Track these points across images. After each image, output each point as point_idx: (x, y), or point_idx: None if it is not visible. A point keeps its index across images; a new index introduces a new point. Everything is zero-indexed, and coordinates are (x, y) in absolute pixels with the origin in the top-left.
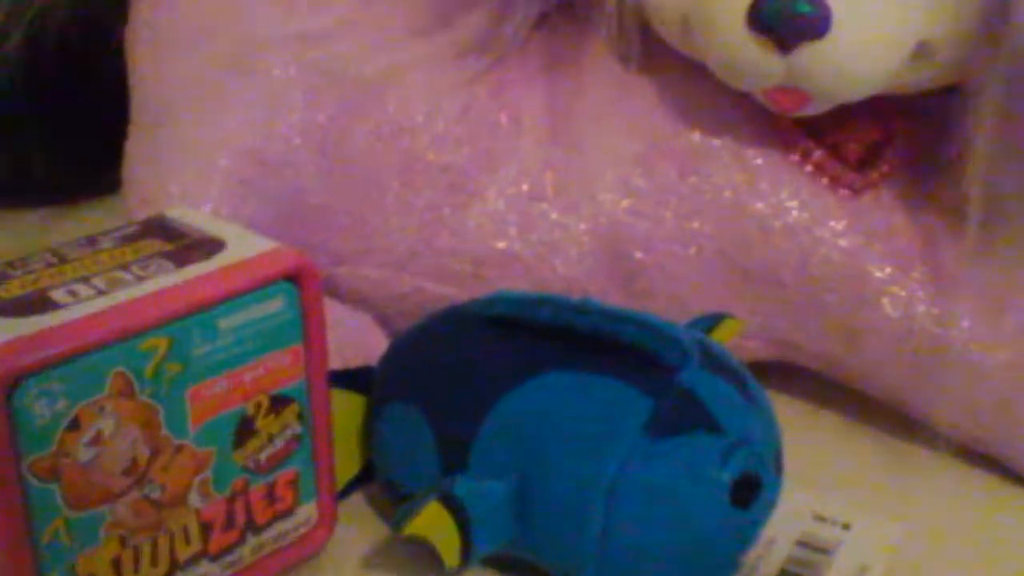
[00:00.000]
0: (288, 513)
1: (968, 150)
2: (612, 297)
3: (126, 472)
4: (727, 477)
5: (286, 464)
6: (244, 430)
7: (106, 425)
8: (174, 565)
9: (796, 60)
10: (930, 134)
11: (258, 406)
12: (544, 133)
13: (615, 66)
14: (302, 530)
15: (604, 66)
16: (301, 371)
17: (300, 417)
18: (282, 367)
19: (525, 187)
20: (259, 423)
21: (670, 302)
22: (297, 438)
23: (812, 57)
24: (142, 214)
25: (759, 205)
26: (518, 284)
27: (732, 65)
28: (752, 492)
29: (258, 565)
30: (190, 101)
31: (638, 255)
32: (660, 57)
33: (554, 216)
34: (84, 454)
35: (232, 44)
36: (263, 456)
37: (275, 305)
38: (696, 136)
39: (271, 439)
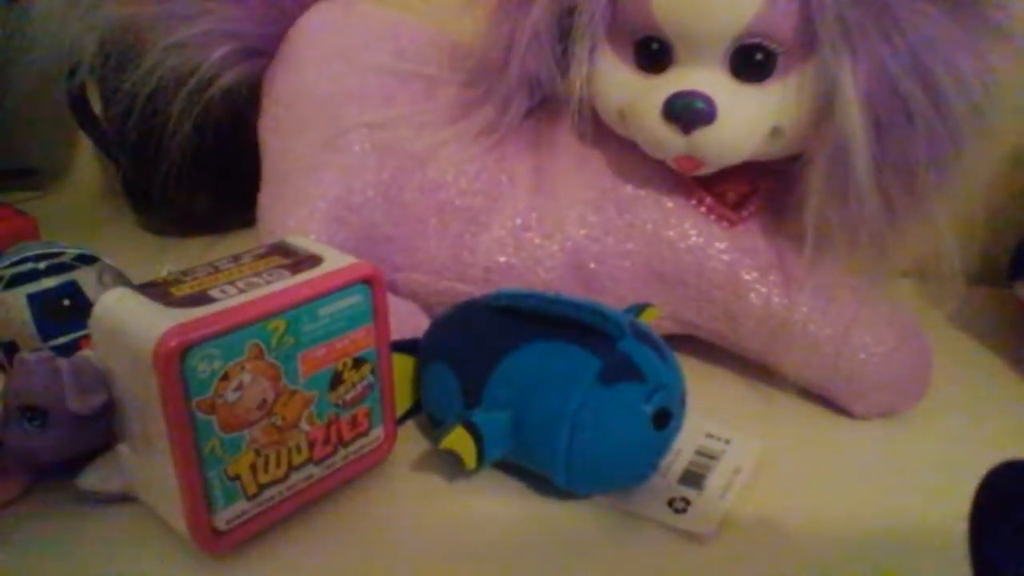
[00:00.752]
0: (365, 434)
1: (806, 196)
2: (576, 293)
3: (259, 408)
4: (650, 410)
5: (363, 402)
6: (336, 380)
7: (245, 378)
8: (290, 468)
9: (693, 139)
10: (782, 186)
11: (345, 364)
12: (531, 186)
13: (576, 142)
14: (374, 445)
15: (569, 142)
16: (372, 342)
17: (372, 372)
18: (360, 339)
19: (518, 221)
20: (345, 376)
21: (615, 297)
22: (370, 386)
23: (704, 137)
24: (269, 241)
25: (670, 233)
26: (514, 285)
27: (651, 142)
28: (665, 420)
29: (346, 468)
30: (300, 167)
31: (592, 266)
32: (606, 136)
33: (537, 240)
34: (231, 396)
35: (327, 130)
36: (348, 397)
37: (355, 299)
38: (629, 188)
39: (353, 386)
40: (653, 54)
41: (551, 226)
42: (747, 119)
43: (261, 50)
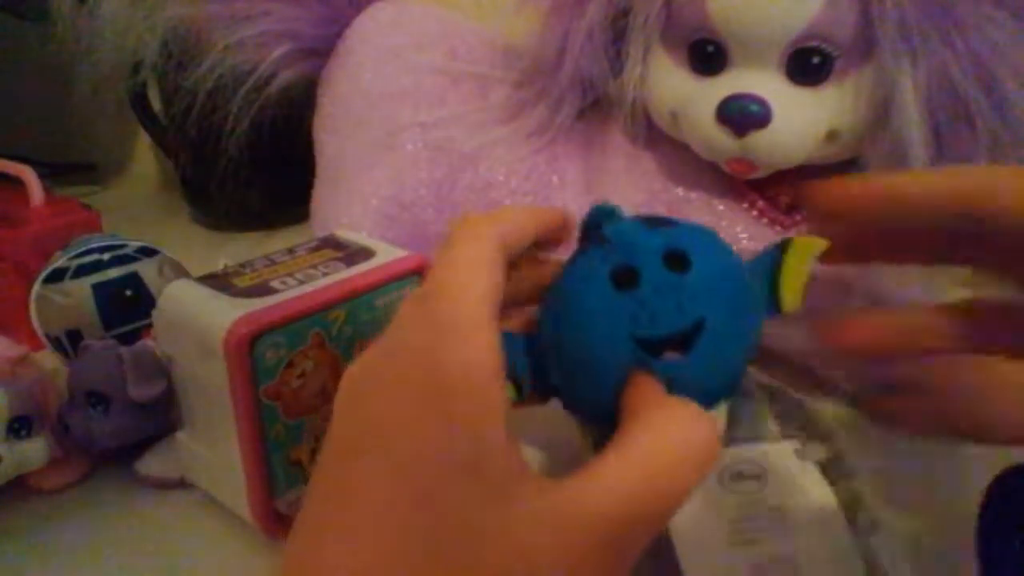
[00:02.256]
0: None
1: None
2: None
3: (320, 395)
4: (606, 269)
5: None
6: None
7: (308, 366)
8: None
9: (747, 142)
10: None
11: None
12: (581, 187)
13: (628, 143)
14: None
15: (621, 143)
16: None
17: None
18: None
19: None
20: None
21: None
22: None
23: (758, 140)
24: (322, 235)
25: (721, 236)
26: None
27: (705, 144)
28: (629, 277)
29: None
30: (354, 165)
31: None
32: (657, 138)
33: None
34: (295, 384)
35: (380, 129)
36: None
37: (408, 290)
38: (680, 190)
39: None
40: (708, 56)
41: None
42: (802, 122)
43: (318, 50)
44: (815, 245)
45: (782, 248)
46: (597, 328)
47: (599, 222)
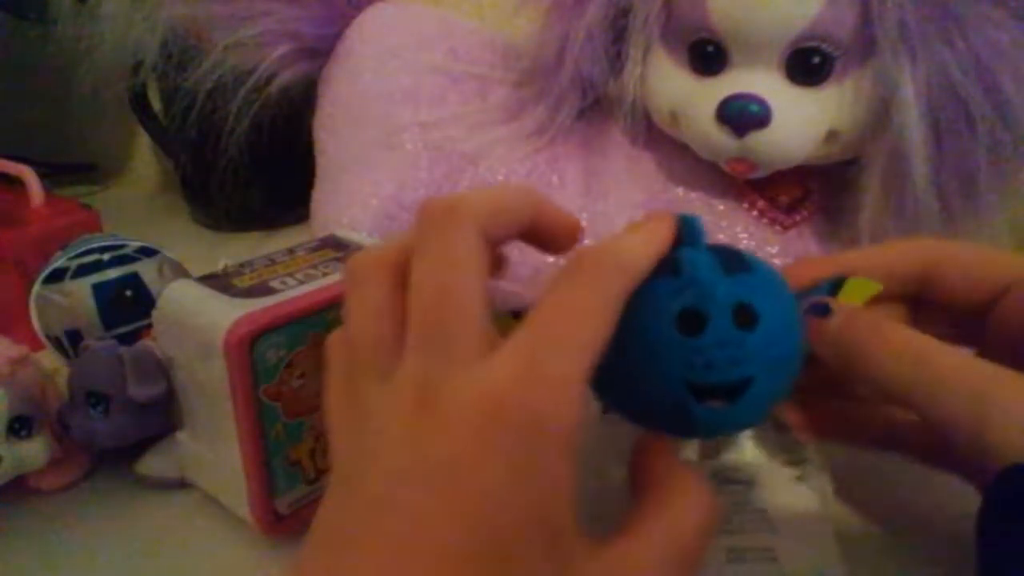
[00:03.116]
0: None
1: (861, 201)
2: None
3: (319, 395)
4: (675, 307)
5: None
6: None
7: (308, 366)
8: None
9: (747, 142)
10: (836, 190)
11: None
12: (581, 187)
13: (628, 143)
14: None
15: (621, 143)
16: None
17: None
18: None
19: None
20: None
21: None
22: None
23: (758, 140)
24: (322, 235)
25: (721, 236)
26: None
27: (705, 144)
28: (695, 324)
29: None
30: (354, 165)
31: None
32: (657, 138)
33: (587, 241)
34: (295, 384)
35: (380, 129)
36: None
37: None
38: (680, 190)
39: None
40: (708, 56)
41: (601, 228)
42: (802, 122)
43: (318, 50)
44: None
45: (836, 286)
46: (654, 364)
47: (681, 238)
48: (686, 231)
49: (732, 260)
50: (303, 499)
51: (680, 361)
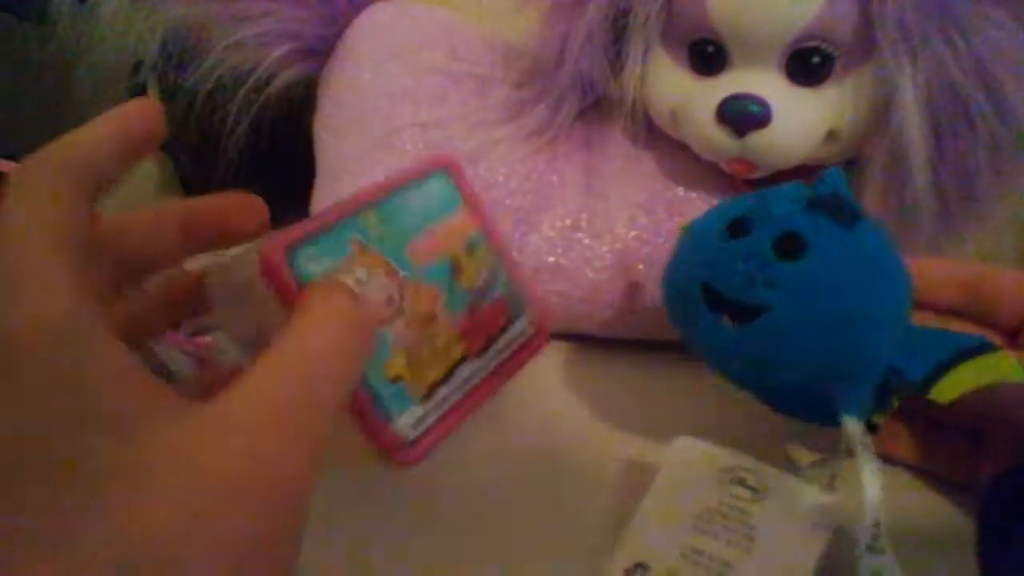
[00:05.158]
0: (509, 325)
1: (861, 201)
2: (622, 296)
3: (388, 304)
4: (732, 213)
5: (495, 289)
6: (456, 270)
7: (360, 274)
8: (449, 364)
9: (747, 142)
10: None
11: (457, 252)
12: (581, 187)
13: (628, 143)
14: (523, 338)
15: (621, 143)
16: (475, 224)
17: (489, 256)
18: (459, 225)
19: (568, 222)
20: (464, 263)
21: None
22: (493, 272)
23: (758, 140)
24: None
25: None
26: (561, 287)
27: (705, 144)
28: (739, 229)
29: (502, 365)
30: (354, 165)
31: (641, 267)
32: (657, 138)
33: (586, 241)
34: None
35: (380, 129)
36: (478, 284)
37: (438, 185)
38: (680, 190)
39: (477, 272)
40: (708, 56)
41: (601, 227)
42: (802, 122)
43: (318, 50)
44: (1012, 372)
45: (983, 349)
46: (686, 255)
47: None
48: (823, 176)
49: (836, 207)
50: (425, 420)
51: (705, 259)
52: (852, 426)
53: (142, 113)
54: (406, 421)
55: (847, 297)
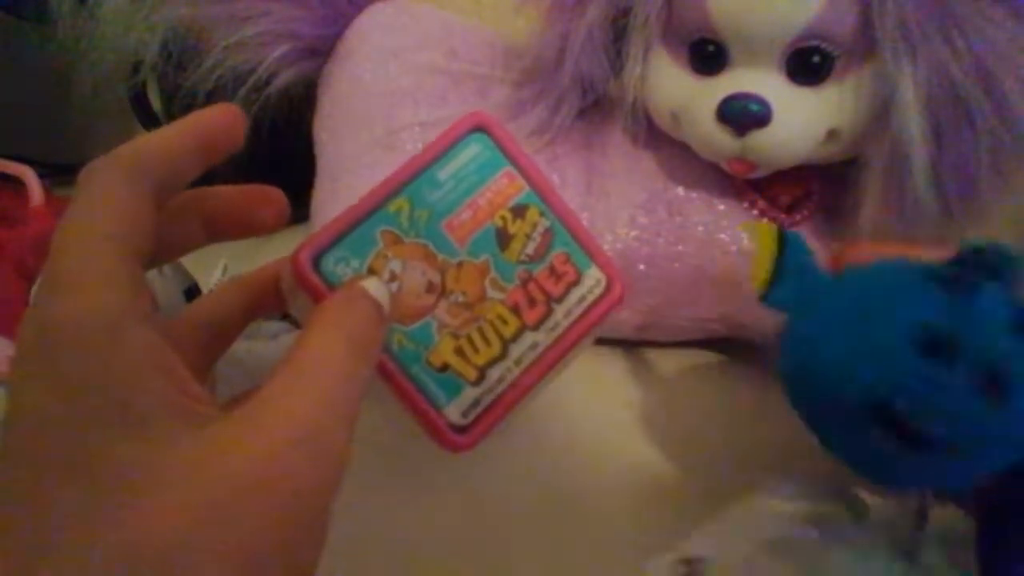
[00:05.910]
0: (576, 282)
1: (861, 200)
2: (624, 294)
3: (428, 290)
4: (929, 317)
5: (553, 249)
6: (503, 238)
7: (394, 265)
8: (504, 341)
9: (748, 141)
10: (837, 189)
11: (503, 219)
12: (582, 187)
13: (628, 143)
14: (597, 291)
15: (621, 143)
16: (522, 184)
17: (542, 214)
18: (504, 188)
19: None
20: (512, 229)
21: (664, 298)
22: (549, 230)
23: (758, 139)
24: None
25: (722, 236)
26: None
27: (705, 144)
28: (942, 353)
29: (573, 326)
30: (354, 164)
31: (642, 267)
32: (658, 137)
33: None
34: (389, 287)
35: (380, 129)
36: (529, 249)
37: (475, 150)
38: (680, 190)
39: (528, 236)
40: (708, 56)
41: (601, 227)
42: (802, 122)
43: (318, 50)
44: None
45: None
46: (855, 347)
47: (992, 262)
48: (1001, 262)
49: None
50: (479, 403)
51: (892, 374)
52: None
53: (223, 119)
54: (457, 407)
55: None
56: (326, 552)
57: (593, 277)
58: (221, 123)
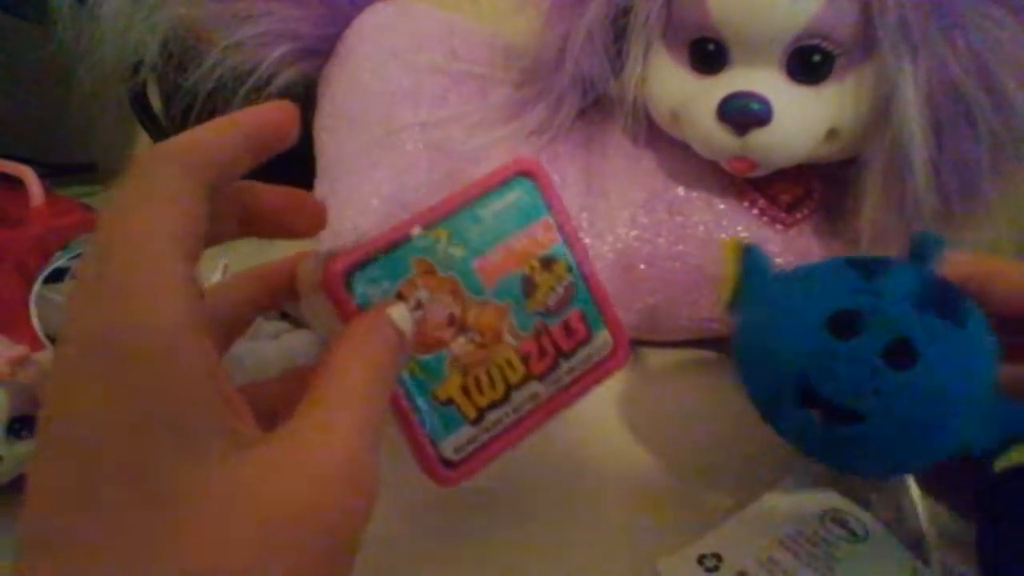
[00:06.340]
0: (587, 341)
1: (862, 199)
2: (625, 294)
3: (448, 324)
4: (839, 302)
5: (571, 305)
6: (529, 286)
7: (422, 295)
8: (508, 386)
9: (748, 140)
10: (837, 188)
11: (532, 267)
12: (582, 187)
13: (629, 142)
14: (602, 352)
15: (621, 142)
16: (556, 236)
17: (569, 270)
18: (539, 236)
19: None
20: (538, 279)
21: (664, 297)
22: (572, 285)
23: (759, 138)
24: (325, 236)
25: (722, 235)
26: None
27: (705, 143)
28: (843, 327)
29: (575, 383)
30: (354, 165)
31: (642, 267)
32: (658, 137)
33: (587, 241)
34: (414, 316)
35: (380, 129)
36: (550, 302)
37: (518, 194)
38: (681, 189)
39: (551, 289)
40: (708, 55)
41: (602, 227)
42: (803, 121)
43: (318, 50)
44: None
45: None
46: (782, 336)
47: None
48: (921, 246)
49: (944, 299)
50: (473, 443)
51: (805, 350)
52: (915, 492)
53: (277, 116)
54: (451, 444)
55: (948, 401)
56: None
57: (602, 338)
58: (275, 120)
